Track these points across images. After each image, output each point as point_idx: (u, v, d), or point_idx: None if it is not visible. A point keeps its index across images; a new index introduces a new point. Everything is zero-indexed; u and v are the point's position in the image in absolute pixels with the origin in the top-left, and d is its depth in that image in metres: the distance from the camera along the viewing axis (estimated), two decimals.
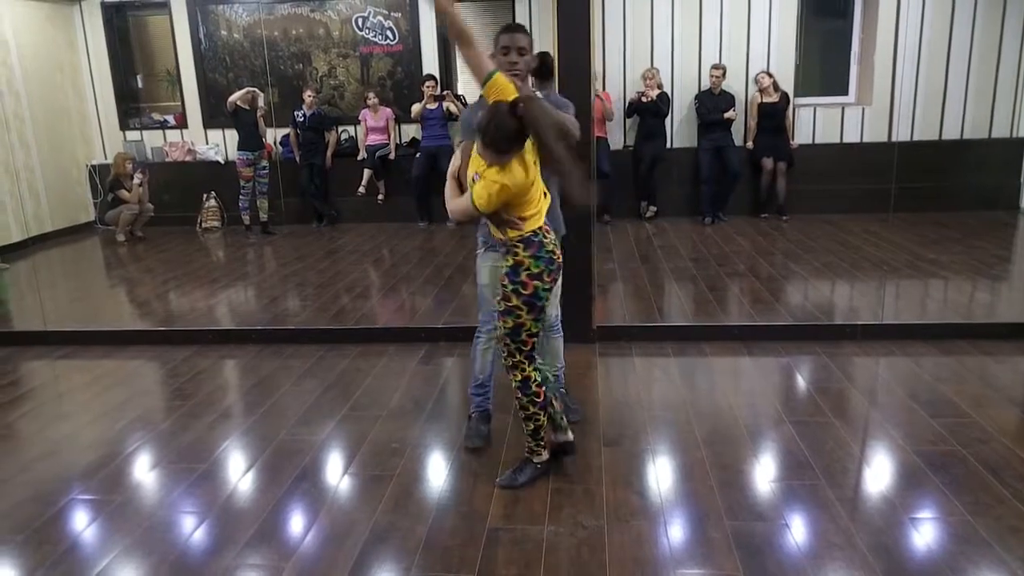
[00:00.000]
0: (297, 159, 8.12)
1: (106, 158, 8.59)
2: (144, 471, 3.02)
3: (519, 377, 2.69)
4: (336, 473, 2.94)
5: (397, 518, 2.60)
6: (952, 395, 3.44)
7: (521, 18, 7.95)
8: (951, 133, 7.77)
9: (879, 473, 2.82)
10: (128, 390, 3.91)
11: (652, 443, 3.07)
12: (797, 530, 2.45)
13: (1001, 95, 7.66)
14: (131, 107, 8.86)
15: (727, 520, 2.51)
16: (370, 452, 3.09)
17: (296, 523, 2.61)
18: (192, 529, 2.58)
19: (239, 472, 2.98)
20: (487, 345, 3.10)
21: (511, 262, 2.57)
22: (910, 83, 7.68)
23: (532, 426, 2.75)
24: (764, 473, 2.82)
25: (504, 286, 2.60)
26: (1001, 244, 6.46)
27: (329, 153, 8.24)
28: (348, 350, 4.30)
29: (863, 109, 7.86)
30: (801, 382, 3.74)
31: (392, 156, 8.19)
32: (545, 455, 2.81)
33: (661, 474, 2.83)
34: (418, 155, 7.97)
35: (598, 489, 2.73)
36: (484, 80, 2.48)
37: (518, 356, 2.67)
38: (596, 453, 3.00)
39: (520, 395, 2.72)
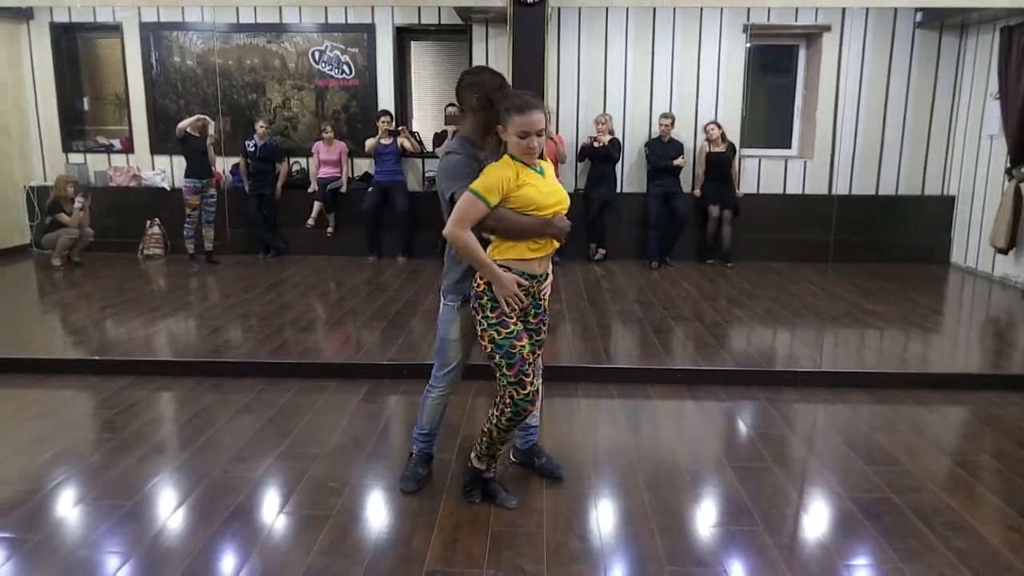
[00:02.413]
0: (247, 189, 8.02)
1: (46, 180, 8.35)
2: (67, 507, 2.88)
3: (532, 392, 2.67)
4: (271, 512, 2.85)
5: (332, 560, 2.52)
6: (886, 443, 3.53)
7: (477, 59, 8.06)
8: (887, 189, 8.10)
9: (816, 520, 2.86)
10: (55, 421, 3.74)
11: (595, 486, 3.06)
12: None
13: (933, 155, 8.03)
14: (75, 129, 8.65)
15: (667, 566, 2.50)
16: (307, 491, 3.01)
17: (227, 564, 2.51)
18: (115, 570, 2.46)
19: (168, 510, 2.86)
20: (439, 400, 3.02)
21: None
22: (849, 140, 8.01)
23: (502, 449, 2.83)
24: (705, 518, 2.83)
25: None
26: (933, 296, 6.70)
27: (279, 184, 8.16)
28: (289, 385, 4.21)
29: (805, 162, 8.15)
30: (742, 427, 3.78)
31: (344, 189, 8.15)
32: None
33: (603, 518, 2.82)
34: (370, 189, 7.95)
35: (539, 532, 2.70)
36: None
37: (529, 377, 2.66)
38: (538, 495, 2.97)
39: (513, 412, 2.67)
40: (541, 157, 2.70)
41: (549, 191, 2.64)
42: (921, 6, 7.26)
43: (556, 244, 2.73)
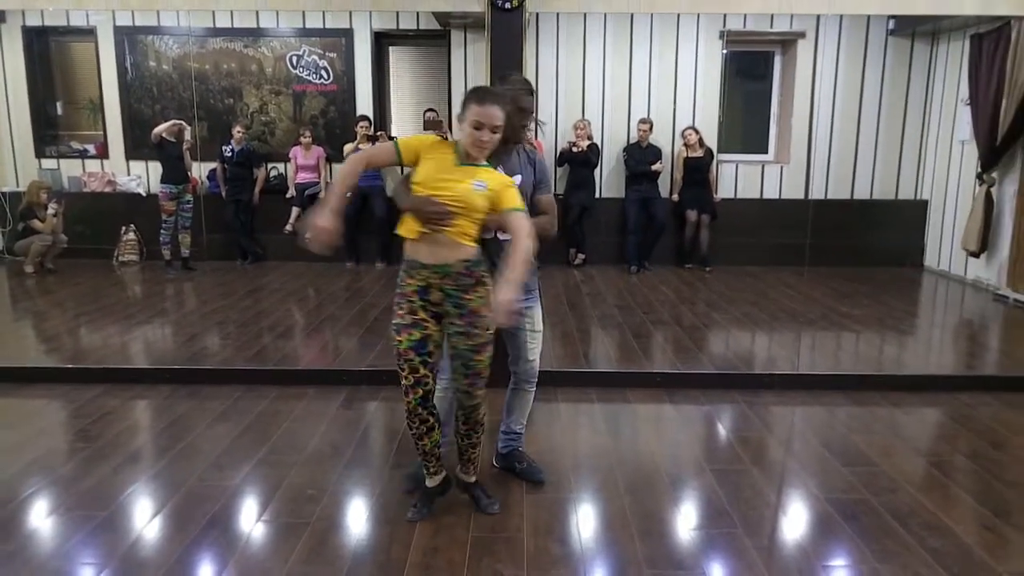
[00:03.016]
0: (224, 194, 7.95)
1: (18, 185, 8.22)
2: (39, 518, 2.83)
3: (409, 389, 2.64)
4: (249, 520, 2.82)
5: (311, 568, 2.50)
6: (863, 445, 3.56)
7: (456, 64, 8.07)
8: (861, 193, 8.20)
9: (794, 521, 2.88)
10: (27, 431, 3.68)
11: (575, 490, 3.06)
12: None
13: (906, 160, 8.15)
14: (48, 134, 8.54)
15: (647, 569, 2.51)
16: (285, 498, 2.98)
17: (204, 573, 2.48)
18: None
19: (144, 519, 2.82)
20: (444, 394, 2.98)
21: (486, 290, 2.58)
22: (824, 145, 8.10)
23: (424, 450, 2.76)
24: (684, 522, 2.84)
25: (485, 317, 2.57)
26: (907, 300, 6.79)
27: (257, 190, 8.10)
28: (267, 392, 4.17)
29: (781, 167, 8.23)
30: (721, 430, 3.81)
31: (322, 195, 8.10)
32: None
33: (583, 522, 2.82)
34: (348, 195, 7.89)
35: (519, 537, 2.70)
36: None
37: (406, 372, 2.64)
38: (518, 500, 2.97)
39: (482, 416, 2.78)
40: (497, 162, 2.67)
41: (446, 179, 2.50)
42: (893, 13, 7.36)
43: (448, 234, 2.51)
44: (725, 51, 8.06)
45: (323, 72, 8.25)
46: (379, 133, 7.93)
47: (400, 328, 2.62)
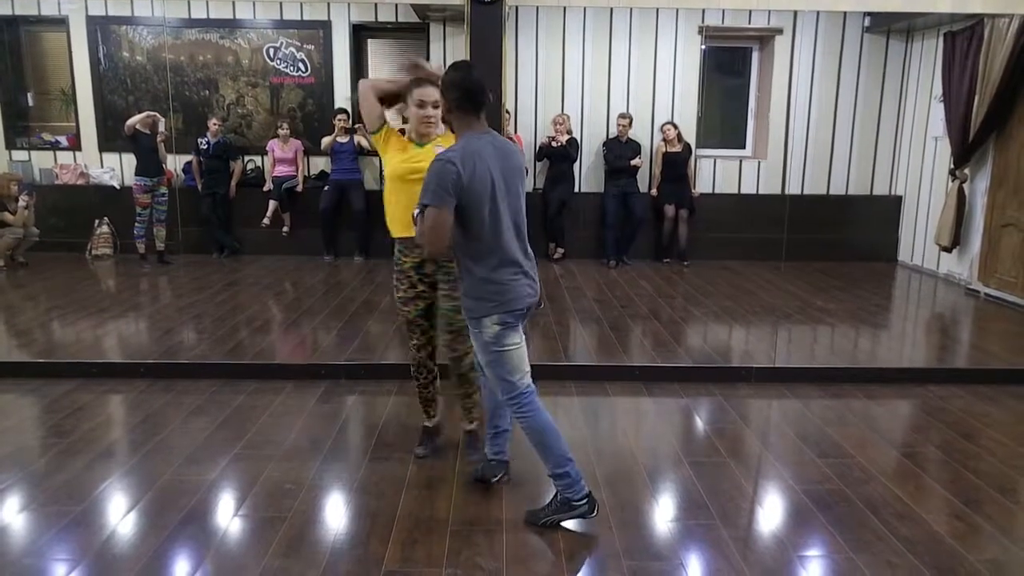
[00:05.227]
0: (199, 187, 7.87)
1: None
2: (11, 514, 2.79)
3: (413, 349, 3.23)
4: (225, 515, 2.80)
5: (289, 562, 2.49)
6: (838, 436, 3.61)
7: (435, 55, 8.03)
8: (837, 189, 8.29)
9: (770, 512, 2.91)
10: None
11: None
12: (693, 570, 2.49)
13: (881, 156, 8.24)
14: (19, 125, 8.38)
15: (625, 560, 2.52)
16: (263, 493, 2.96)
17: (180, 568, 2.46)
18: None
19: (118, 515, 2.79)
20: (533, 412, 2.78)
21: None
22: (801, 141, 8.17)
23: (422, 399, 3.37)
24: (662, 513, 2.86)
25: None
26: (882, 294, 6.88)
27: (233, 183, 8.02)
28: (244, 386, 4.14)
29: (759, 163, 8.29)
30: (699, 423, 3.83)
31: (300, 188, 8.05)
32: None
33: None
34: (326, 188, 7.86)
35: (498, 530, 2.70)
36: (374, 131, 3.07)
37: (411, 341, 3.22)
38: (497, 493, 2.97)
39: (466, 368, 3.18)
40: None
41: (413, 158, 2.99)
42: (869, 10, 7.44)
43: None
44: (703, 46, 8.09)
45: (301, 64, 8.18)
46: (357, 126, 7.87)
47: (406, 300, 3.10)
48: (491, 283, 2.59)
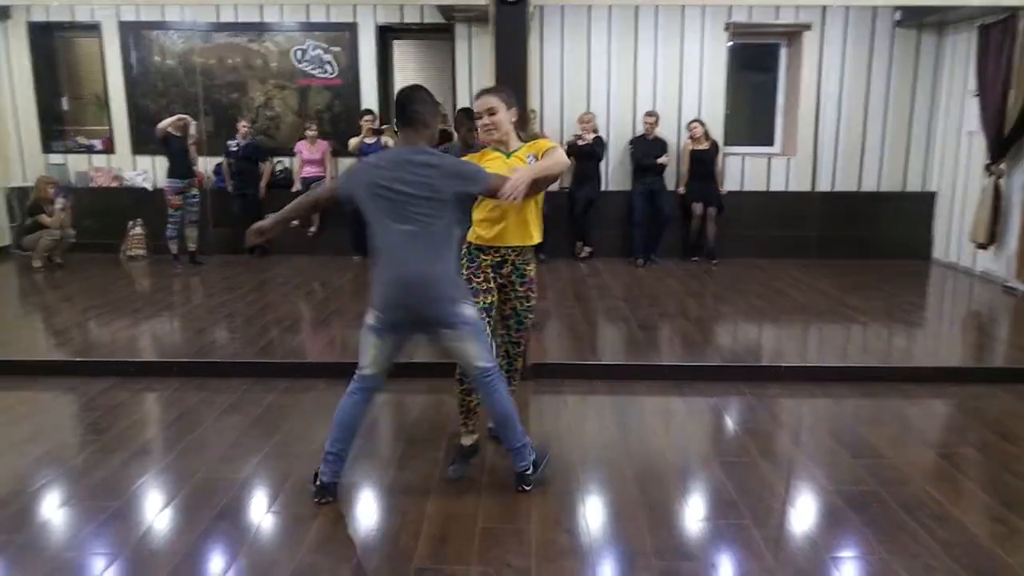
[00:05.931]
0: (230, 189, 7.97)
1: (25, 181, 8.25)
2: (52, 509, 2.85)
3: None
4: (258, 512, 2.84)
5: (320, 558, 2.51)
6: (871, 436, 3.56)
7: (460, 58, 8.06)
8: (869, 185, 8.17)
9: (803, 513, 2.88)
10: (39, 423, 3.70)
11: (583, 482, 3.07)
12: (724, 570, 2.47)
13: (914, 151, 8.10)
14: (55, 130, 8.55)
15: (655, 560, 2.51)
16: (294, 490, 2.99)
17: (214, 564, 2.49)
18: (101, 571, 2.44)
19: (154, 511, 2.84)
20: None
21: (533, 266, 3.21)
22: (831, 137, 8.07)
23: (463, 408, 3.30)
24: (692, 513, 2.85)
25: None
26: (915, 292, 6.77)
27: (263, 184, 8.12)
28: (275, 384, 4.19)
29: (788, 159, 8.20)
30: (729, 422, 3.80)
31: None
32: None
33: (591, 514, 2.83)
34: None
35: (527, 528, 2.70)
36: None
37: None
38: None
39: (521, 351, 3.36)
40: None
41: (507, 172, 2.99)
42: (898, 4, 7.32)
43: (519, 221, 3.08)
44: (730, 43, 8.02)
45: (328, 66, 8.25)
46: (384, 127, 7.92)
47: (478, 292, 3.11)
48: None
